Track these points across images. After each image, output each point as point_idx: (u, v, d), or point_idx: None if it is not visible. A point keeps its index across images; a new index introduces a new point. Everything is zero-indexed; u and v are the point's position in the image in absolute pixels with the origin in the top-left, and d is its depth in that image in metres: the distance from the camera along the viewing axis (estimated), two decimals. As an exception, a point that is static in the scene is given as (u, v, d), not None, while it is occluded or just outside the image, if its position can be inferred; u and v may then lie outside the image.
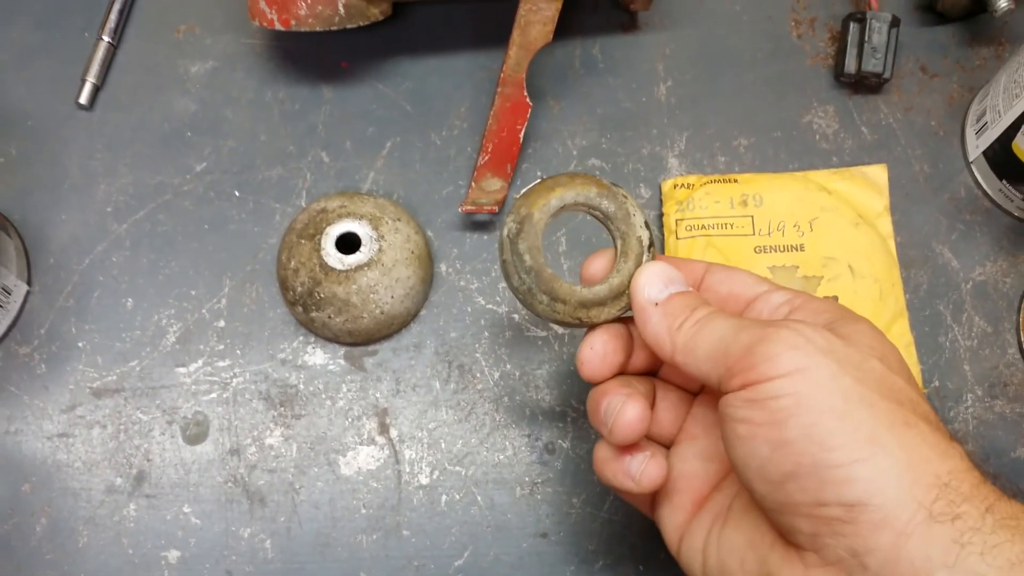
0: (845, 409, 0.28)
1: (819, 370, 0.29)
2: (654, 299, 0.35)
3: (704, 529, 0.35)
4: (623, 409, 0.35)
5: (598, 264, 0.38)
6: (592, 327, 0.37)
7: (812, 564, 0.29)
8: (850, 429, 0.28)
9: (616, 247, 0.37)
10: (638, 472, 0.35)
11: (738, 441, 0.31)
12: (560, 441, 0.48)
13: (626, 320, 0.38)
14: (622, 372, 0.38)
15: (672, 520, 0.36)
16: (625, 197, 0.37)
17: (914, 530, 0.27)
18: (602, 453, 0.37)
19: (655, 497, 0.38)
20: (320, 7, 0.48)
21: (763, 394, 0.29)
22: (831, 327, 0.32)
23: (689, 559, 0.35)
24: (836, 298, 0.49)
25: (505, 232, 0.36)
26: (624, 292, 0.36)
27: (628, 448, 0.36)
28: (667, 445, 0.39)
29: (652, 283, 0.35)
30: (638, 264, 0.36)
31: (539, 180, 0.38)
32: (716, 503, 0.36)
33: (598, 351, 0.37)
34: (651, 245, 0.37)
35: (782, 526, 0.31)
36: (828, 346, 0.30)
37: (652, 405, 0.38)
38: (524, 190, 0.37)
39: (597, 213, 0.37)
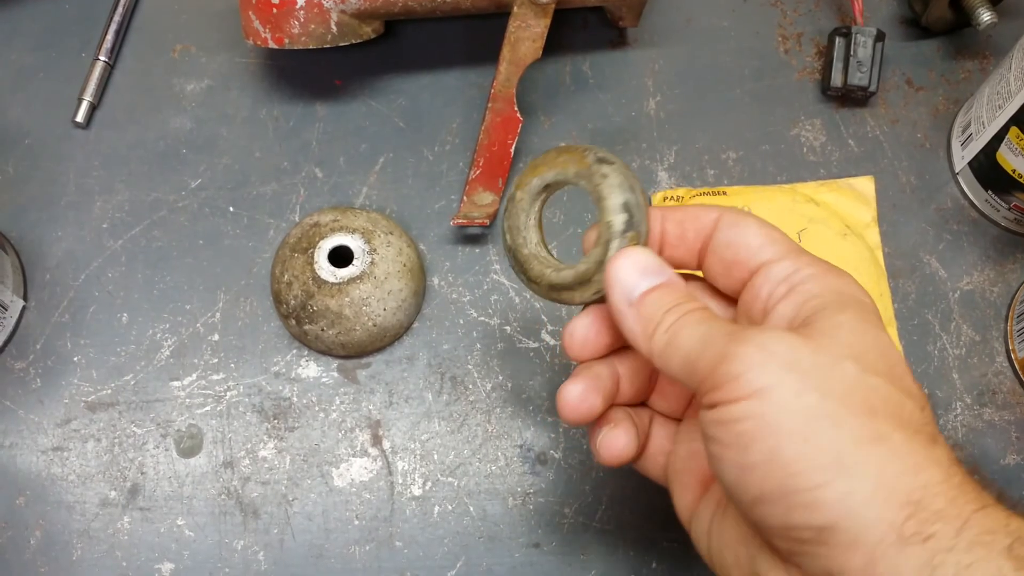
0: (808, 431, 0.27)
1: (781, 389, 0.28)
2: (628, 297, 0.33)
3: (709, 513, 0.34)
4: (607, 437, 0.36)
5: (592, 239, 0.36)
6: (585, 306, 0.36)
7: (795, 574, 0.29)
8: (813, 452, 0.27)
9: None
10: (597, 442, 0.36)
11: (712, 459, 0.30)
12: (552, 451, 0.48)
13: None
14: (614, 350, 0.36)
15: (682, 499, 0.36)
16: (604, 176, 0.34)
17: (885, 552, 0.26)
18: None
19: (668, 474, 0.37)
20: (313, 25, 0.48)
21: (728, 416, 0.28)
22: (811, 320, 0.30)
23: (697, 537, 0.35)
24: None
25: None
26: (591, 279, 0.34)
27: (600, 419, 0.36)
28: (677, 419, 0.38)
29: (625, 278, 0.33)
30: (605, 251, 0.34)
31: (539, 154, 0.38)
32: (718, 489, 0.35)
33: (577, 339, 0.35)
34: (627, 230, 0.34)
35: (764, 539, 0.30)
36: (794, 359, 0.28)
37: (654, 378, 0.38)
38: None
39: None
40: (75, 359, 0.50)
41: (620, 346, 0.36)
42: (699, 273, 0.36)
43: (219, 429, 0.49)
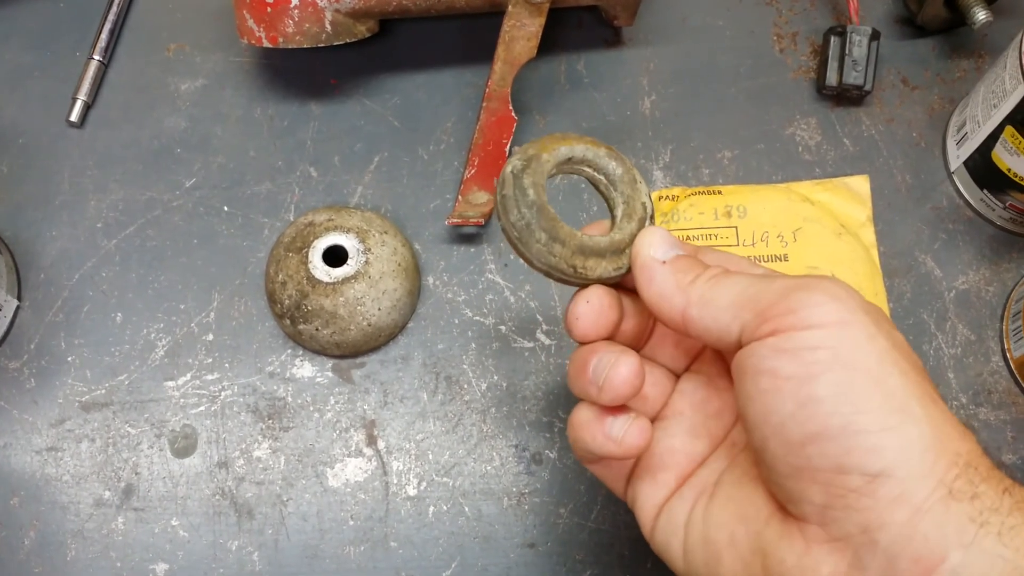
0: (880, 372, 0.27)
1: (859, 327, 0.28)
2: (660, 258, 0.33)
3: (687, 505, 0.34)
4: (618, 363, 0.32)
5: (595, 231, 0.36)
6: (583, 286, 0.35)
7: (815, 539, 0.28)
8: (883, 394, 0.27)
9: (616, 214, 0.36)
10: (621, 432, 0.33)
11: (760, 395, 0.29)
12: (547, 452, 0.48)
13: (617, 288, 0.36)
14: (612, 335, 0.35)
15: (651, 498, 0.35)
16: (632, 165, 0.36)
17: (932, 506, 0.26)
18: (582, 416, 0.34)
19: (632, 474, 0.36)
20: (307, 24, 0.48)
21: (797, 343, 0.28)
22: None
23: (666, 537, 0.34)
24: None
25: (509, 168, 0.34)
26: (625, 249, 0.34)
27: (612, 409, 0.34)
28: (652, 419, 0.37)
29: (657, 244, 0.33)
30: (641, 226, 0.35)
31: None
32: (701, 479, 0.34)
33: (594, 305, 0.34)
34: (654, 213, 0.36)
35: (791, 494, 0.29)
36: (865, 306, 0.29)
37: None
38: (531, 141, 0.36)
39: (600, 177, 0.36)
40: (69, 359, 0.50)
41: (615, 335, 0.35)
42: None
43: (213, 429, 0.49)
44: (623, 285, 0.36)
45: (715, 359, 0.37)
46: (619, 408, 0.34)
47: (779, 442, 0.28)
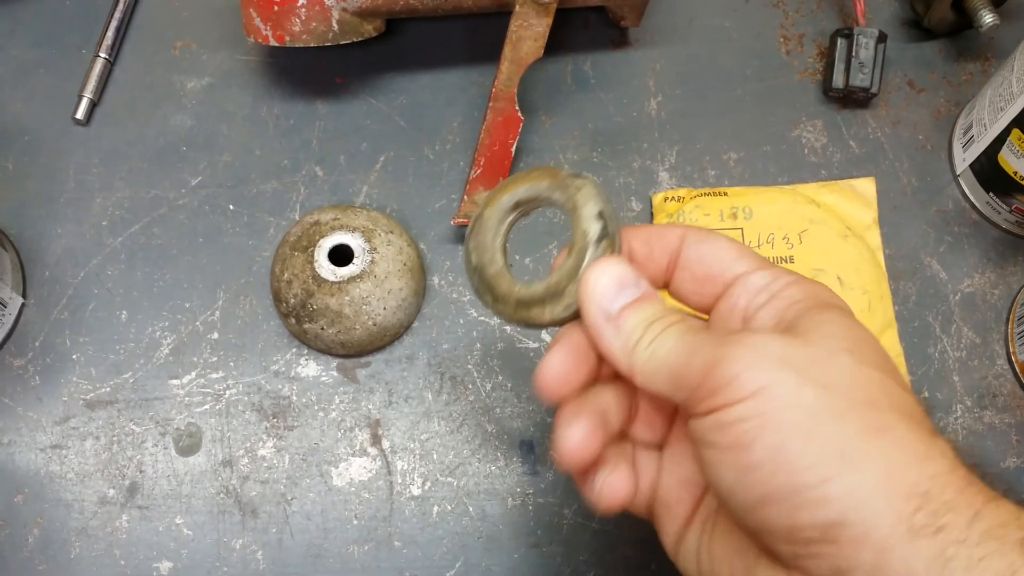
0: (810, 425, 0.27)
1: (779, 386, 0.27)
2: (606, 312, 0.31)
3: (696, 536, 0.34)
4: (564, 433, 0.32)
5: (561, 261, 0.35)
6: (553, 342, 0.34)
7: None
8: (818, 447, 0.26)
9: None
10: (597, 489, 0.33)
11: (707, 465, 0.29)
12: (552, 452, 0.48)
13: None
14: (593, 379, 0.34)
15: (670, 529, 0.35)
16: (579, 188, 0.33)
17: (895, 544, 0.25)
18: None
19: (653, 508, 0.36)
20: (314, 23, 0.48)
21: (727, 419, 0.28)
22: (796, 322, 0.30)
23: (685, 565, 0.34)
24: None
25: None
26: (564, 291, 0.33)
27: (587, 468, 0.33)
28: (660, 447, 0.36)
29: (603, 291, 0.31)
30: (579, 260, 0.32)
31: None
32: (705, 508, 0.34)
33: (554, 373, 0.32)
34: (602, 238, 0.32)
35: (763, 547, 0.29)
36: (787, 354, 0.28)
37: (634, 406, 0.36)
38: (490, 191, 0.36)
39: (554, 206, 0.35)
40: (74, 357, 0.50)
41: (598, 376, 0.35)
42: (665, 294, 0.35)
43: (218, 428, 0.49)
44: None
45: None
46: (597, 461, 0.33)
47: (733, 506, 0.29)
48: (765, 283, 0.32)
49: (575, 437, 0.32)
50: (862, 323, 0.31)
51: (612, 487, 0.33)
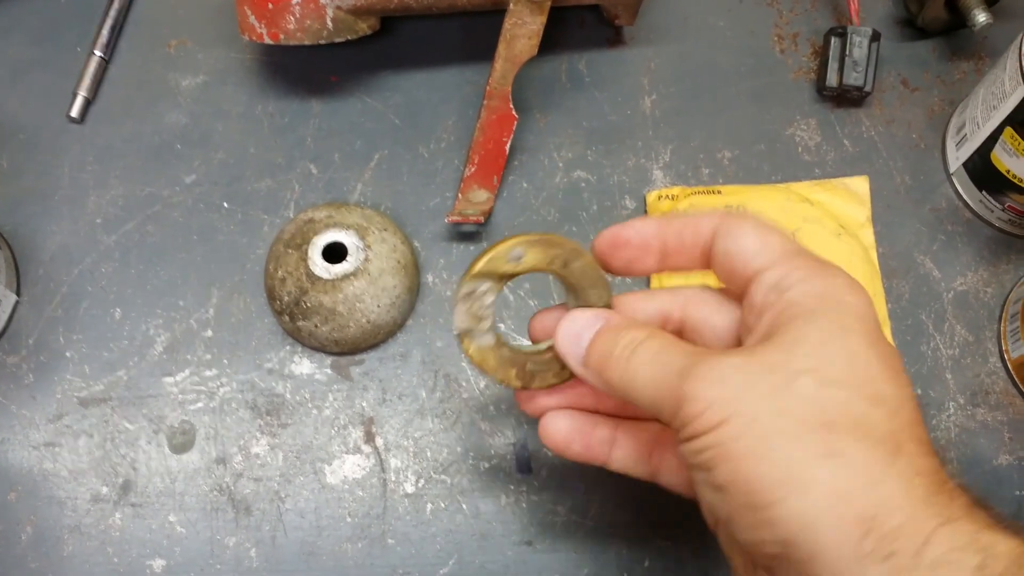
0: (763, 450, 0.28)
1: (736, 418, 0.28)
2: (579, 359, 0.35)
3: None
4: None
5: (546, 320, 0.38)
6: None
7: None
8: (768, 470, 0.28)
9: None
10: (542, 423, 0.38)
11: (694, 484, 0.31)
12: (545, 450, 0.48)
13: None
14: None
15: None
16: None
17: (845, 568, 0.26)
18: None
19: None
20: (309, 21, 0.48)
21: (696, 447, 0.29)
22: (777, 331, 0.30)
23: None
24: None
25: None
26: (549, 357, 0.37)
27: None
28: None
29: (568, 348, 0.35)
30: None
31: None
32: None
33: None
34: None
35: (744, 557, 0.32)
36: (747, 383, 0.29)
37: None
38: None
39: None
40: (68, 354, 0.50)
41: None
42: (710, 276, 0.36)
43: (212, 425, 0.49)
44: None
45: None
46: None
47: (714, 521, 0.31)
48: (776, 281, 0.32)
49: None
50: (865, 321, 0.30)
51: (552, 426, 0.38)
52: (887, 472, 0.27)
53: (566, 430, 0.38)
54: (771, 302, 0.31)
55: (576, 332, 0.35)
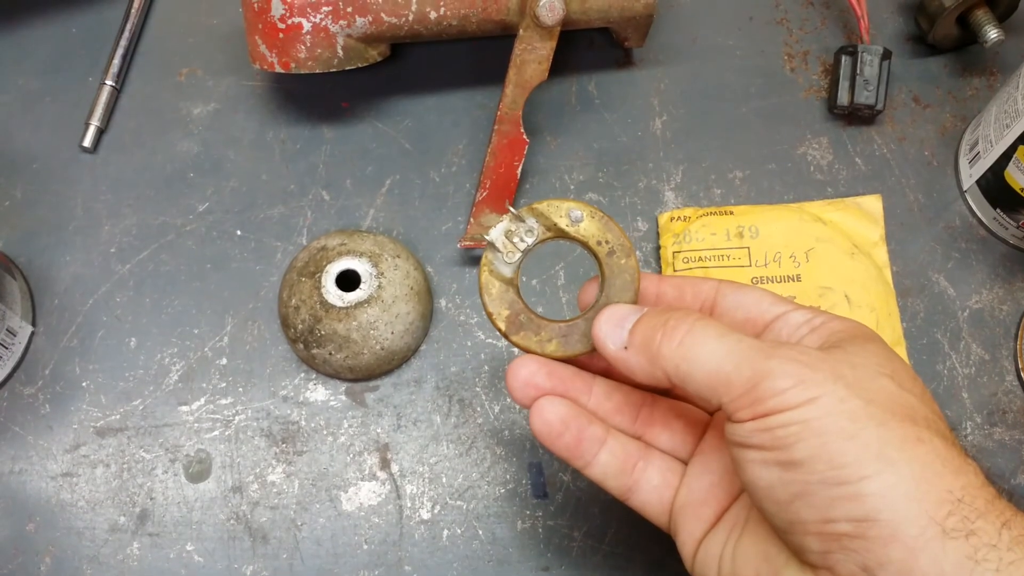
0: (853, 429, 0.29)
1: (827, 398, 0.29)
2: (618, 343, 0.35)
3: (721, 539, 0.35)
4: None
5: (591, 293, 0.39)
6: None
7: None
8: (858, 448, 0.28)
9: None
10: (535, 408, 0.37)
11: (747, 464, 0.31)
12: (561, 474, 0.48)
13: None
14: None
15: (692, 532, 0.36)
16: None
17: (925, 545, 0.27)
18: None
19: (673, 507, 0.38)
20: (319, 50, 0.49)
21: (772, 424, 0.30)
22: (841, 347, 0.32)
23: (703, 570, 0.35)
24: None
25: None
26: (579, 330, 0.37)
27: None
28: (686, 460, 0.39)
29: (608, 332, 0.35)
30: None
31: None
32: (733, 514, 0.36)
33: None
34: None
35: (792, 546, 0.31)
36: (835, 371, 0.30)
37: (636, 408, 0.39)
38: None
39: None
40: (84, 384, 0.50)
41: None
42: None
43: (228, 454, 0.49)
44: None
45: None
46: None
47: (770, 503, 0.31)
48: (806, 319, 0.35)
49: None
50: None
51: (549, 411, 0.37)
52: (966, 465, 0.29)
53: (562, 417, 0.37)
54: (804, 333, 0.34)
55: (621, 315, 0.35)
